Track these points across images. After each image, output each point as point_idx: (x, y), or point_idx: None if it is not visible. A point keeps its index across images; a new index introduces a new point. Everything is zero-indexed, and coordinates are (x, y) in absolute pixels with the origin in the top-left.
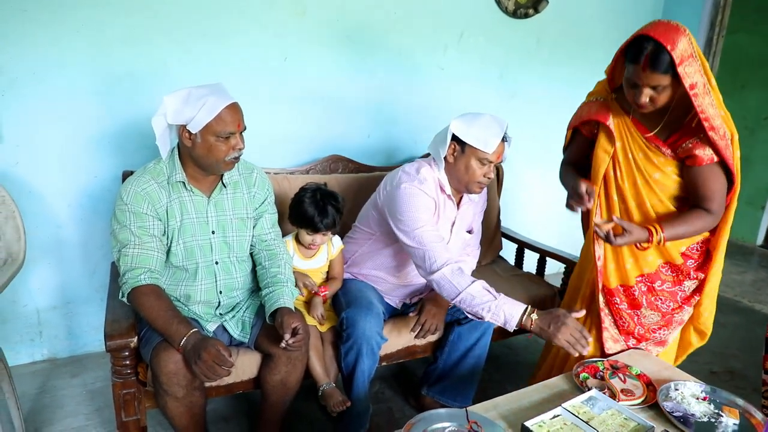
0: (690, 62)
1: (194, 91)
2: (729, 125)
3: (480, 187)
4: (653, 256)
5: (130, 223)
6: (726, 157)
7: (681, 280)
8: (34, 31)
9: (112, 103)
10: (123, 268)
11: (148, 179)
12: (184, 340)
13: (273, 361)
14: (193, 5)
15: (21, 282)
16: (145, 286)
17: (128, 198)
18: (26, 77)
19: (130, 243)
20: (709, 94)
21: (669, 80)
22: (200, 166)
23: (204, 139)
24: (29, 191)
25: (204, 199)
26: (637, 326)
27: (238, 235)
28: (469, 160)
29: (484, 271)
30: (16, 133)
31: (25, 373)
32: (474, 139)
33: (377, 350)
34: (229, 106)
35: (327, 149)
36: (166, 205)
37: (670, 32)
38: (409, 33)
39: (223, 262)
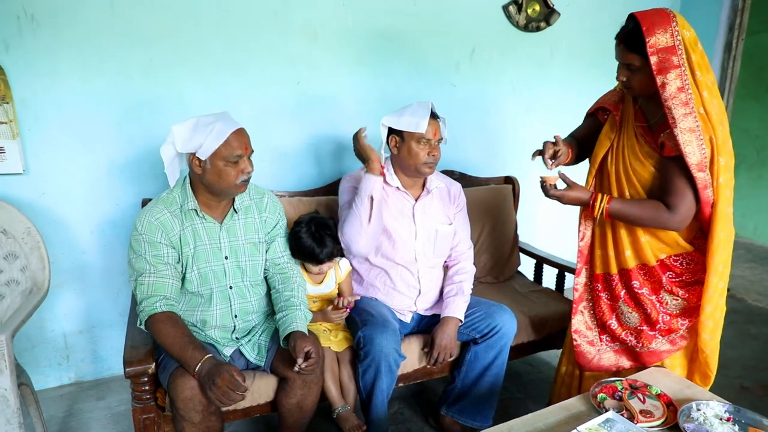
0: (668, 49)
1: (202, 120)
2: (707, 128)
3: (429, 167)
4: (630, 252)
5: (145, 252)
6: (684, 153)
7: (657, 289)
8: (58, 65)
9: (132, 133)
10: (139, 296)
11: (161, 209)
12: (199, 366)
13: (288, 385)
14: (209, 36)
15: (48, 308)
16: (161, 314)
17: (142, 228)
18: (50, 110)
19: (146, 272)
20: (684, 88)
21: (640, 61)
22: (212, 191)
23: (213, 164)
24: (54, 220)
25: (216, 226)
26: (612, 320)
27: (251, 260)
28: (410, 145)
29: (503, 288)
30: (41, 164)
31: (54, 397)
32: (406, 124)
33: (395, 368)
34: (236, 131)
35: (342, 171)
36: (179, 233)
37: (655, 17)
38: (420, 52)
39: (237, 287)
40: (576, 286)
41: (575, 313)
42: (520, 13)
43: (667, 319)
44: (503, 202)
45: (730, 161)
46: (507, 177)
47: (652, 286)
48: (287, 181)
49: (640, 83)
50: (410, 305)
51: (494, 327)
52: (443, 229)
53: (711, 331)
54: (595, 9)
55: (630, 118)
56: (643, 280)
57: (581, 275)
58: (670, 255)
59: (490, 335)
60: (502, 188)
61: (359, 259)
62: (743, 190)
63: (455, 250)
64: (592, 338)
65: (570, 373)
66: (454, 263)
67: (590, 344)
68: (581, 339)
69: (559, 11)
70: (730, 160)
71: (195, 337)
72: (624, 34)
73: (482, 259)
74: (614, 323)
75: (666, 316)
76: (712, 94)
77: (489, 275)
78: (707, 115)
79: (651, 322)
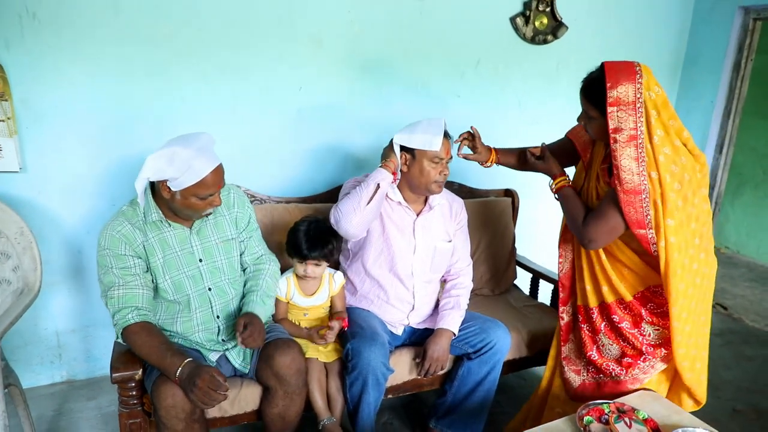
0: (626, 109)
1: (179, 152)
2: (654, 190)
3: (440, 187)
4: (606, 287)
5: (112, 266)
6: (623, 203)
7: (638, 322)
8: (58, 64)
9: (131, 134)
10: (111, 310)
11: (121, 221)
12: (179, 371)
13: (271, 394)
14: (213, 39)
15: (42, 306)
16: (135, 325)
17: (105, 242)
18: (49, 108)
19: (114, 285)
20: (637, 148)
21: (597, 113)
22: (175, 214)
23: (183, 196)
24: (51, 219)
25: (185, 231)
26: (592, 351)
27: (226, 257)
28: (422, 164)
29: (498, 301)
30: (39, 163)
31: (45, 395)
32: (419, 142)
33: (383, 381)
34: (213, 170)
35: (342, 178)
36: (142, 244)
37: (621, 72)
38: (426, 61)
39: (216, 287)
40: (562, 314)
41: (566, 341)
42: (528, 26)
43: (651, 350)
44: (502, 215)
45: (688, 222)
46: (507, 189)
47: (632, 319)
48: (285, 187)
49: (597, 132)
50: (402, 319)
51: (488, 342)
52: (442, 246)
53: (690, 370)
54: (604, 24)
55: (598, 161)
56: (623, 314)
57: (567, 304)
58: (649, 286)
59: (484, 351)
60: (501, 201)
61: (354, 269)
62: (748, 209)
63: (454, 266)
64: (580, 367)
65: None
66: (453, 278)
67: (576, 373)
68: (569, 366)
69: (567, 25)
70: (687, 221)
71: (173, 344)
72: (586, 83)
73: (479, 271)
74: (594, 354)
75: (650, 347)
76: (669, 159)
77: (485, 288)
78: (660, 179)
79: (635, 353)
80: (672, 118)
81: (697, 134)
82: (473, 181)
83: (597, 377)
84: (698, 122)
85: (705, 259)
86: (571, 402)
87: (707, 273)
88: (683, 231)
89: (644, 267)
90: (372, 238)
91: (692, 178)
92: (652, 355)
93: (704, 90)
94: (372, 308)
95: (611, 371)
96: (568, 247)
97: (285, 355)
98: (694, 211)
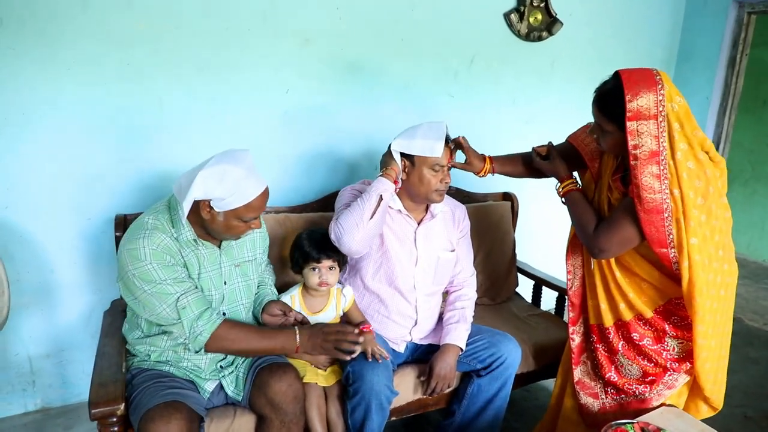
0: (647, 123)
1: (230, 171)
2: (677, 209)
3: (441, 195)
4: (624, 305)
5: (165, 279)
6: (643, 223)
7: (661, 337)
8: (23, 70)
9: (106, 142)
10: (188, 319)
11: (157, 234)
12: (298, 339)
13: (267, 425)
14: (191, 38)
15: (12, 330)
16: (223, 323)
17: (147, 257)
18: (15, 117)
19: (179, 294)
20: (660, 165)
21: (614, 128)
22: (209, 233)
23: (227, 218)
24: (20, 236)
25: (216, 250)
26: (611, 373)
27: (244, 281)
28: (422, 171)
29: (500, 310)
30: (5, 176)
31: (18, 426)
32: (419, 148)
33: (387, 405)
34: (262, 193)
35: (333, 185)
36: (183, 258)
37: (641, 82)
38: (417, 60)
39: (231, 312)
40: (572, 335)
41: (577, 363)
42: (522, 22)
43: (676, 366)
44: (501, 220)
45: (712, 236)
46: (505, 193)
47: (655, 335)
48: (273, 196)
49: (612, 147)
50: (405, 335)
51: (499, 357)
52: (445, 255)
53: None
54: (598, 19)
55: (608, 171)
56: (644, 330)
57: (578, 323)
58: (671, 299)
59: (495, 366)
60: (500, 205)
61: (352, 284)
62: (738, 205)
63: (457, 277)
64: (597, 390)
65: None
66: (456, 289)
67: (593, 396)
68: (584, 391)
69: (562, 21)
70: (711, 235)
71: (264, 326)
72: (599, 95)
73: (479, 279)
74: (614, 375)
75: (674, 362)
76: (693, 174)
77: (485, 296)
78: (682, 197)
79: (658, 370)
80: (695, 129)
81: None
82: (470, 185)
83: (618, 398)
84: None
85: (728, 269)
86: (585, 426)
87: (730, 282)
88: (707, 247)
89: (664, 279)
90: (371, 250)
91: (716, 190)
92: (676, 370)
93: (699, 86)
94: (372, 325)
95: (634, 391)
96: (577, 262)
97: (281, 381)
98: (717, 223)
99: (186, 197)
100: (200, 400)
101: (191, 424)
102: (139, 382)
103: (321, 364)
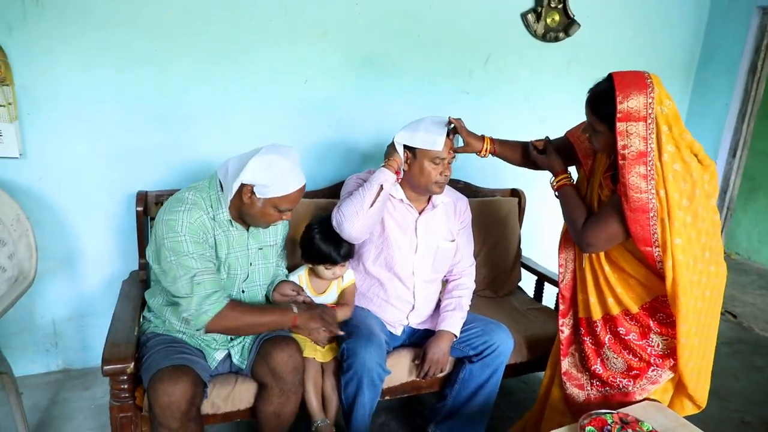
0: (636, 124)
1: (278, 162)
2: (662, 209)
3: (440, 187)
4: (612, 299)
5: (192, 253)
6: (629, 221)
7: (646, 333)
8: (58, 52)
9: (132, 123)
10: (198, 296)
11: (197, 210)
12: (299, 320)
13: (266, 392)
14: (215, 29)
15: (38, 293)
16: (229, 304)
17: (183, 229)
18: (51, 95)
19: (199, 270)
20: (647, 166)
21: (604, 128)
22: (242, 217)
23: (264, 205)
24: (50, 206)
25: (244, 232)
26: (597, 365)
27: (264, 264)
28: (422, 163)
29: (501, 303)
30: (39, 150)
31: (40, 383)
32: (421, 141)
33: (379, 383)
34: (301, 188)
35: (344, 173)
36: (214, 236)
37: (632, 84)
38: (433, 57)
39: (249, 290)
40: (562, 327)
41: (566, 354)
42: (539, 22)
43: (660, 361)
44: (508, 215)
45: (698, 238)
46: (513, 189)
47: (640, 330)
48: None
49: (603, 146)
50: (402, 319)
51: (490, 345)
52: (444, 245)
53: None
54: (618, 22)
55: (601, 170)
56: (630, 325)
57: (568, 316)
58: (657, 296)
59: (486, 354)
60: (507, 201)
61: (354, 267)
62: (760, 215)
63: (456, 266)
64: (583, 382)
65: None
66: (455, 278)
67: (579, 387)
68: (570, 382)
69: (580, 22)
70: (697, 237)
71: (264, 305)
72: (592, 96)
73: (482, 272)
74: (599, 368)
75: (658, 358)
76: (678, 176)
77: (488, 289)
78: (667, 197)
79: (642, 365)
80: (683, 131)
81: (711, 137)
82: (479, 180)
83: (603, 390)
84: (711, 125)
85: (715, 271)
86: (570, 416)
87: (716, 284)
88: (692, 248)
89: (650, 277)
90: (372, 236)
91: (702, 192)
92: (660, 366)
93: (719, 92)
94: (371, 307)
95: (618, 384)
96: (569, 256)
97: (282, 351)
98: (704, 225)
99: (235, 180)
100: (206, 367)
101: (196, 388)
102: (152, 345)
103: (320, 341)
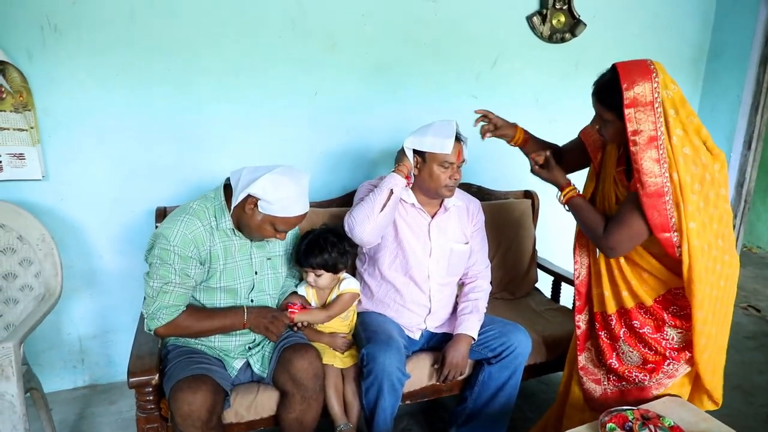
0: (644, 110)
1: (287, 184)
2: (676, 194)
3: (450, 191)
4: (627, 293)
5: (174, 263)
6: (646, 207)
7: (660, 326)
8: (78, 74)
9: (150, 141)
10: (160, 302)
11: (195, 222)
12: (246, 317)
13: (288, 400)
14: (228, 45)
15: (64, 311)
16: (182, 314)
17: (175, 240)
18: (70, 118)
19: (172, 281)
20: (658, 149)
21: (613, 116)
22: (240, 229)
23: (263, 220)
24: (72, 225)
25: (247, 242)
26: (612, 359)
27: (273, 273)
28: (432, 167)
29: (519, 304)
30: (61, 171)
31: (68, 399)
32: (430, 145)
33: (399, 387)
34: (302, 214)
35: (357, 181)
36: (209, 249)
37: (636, 72)
38: (440, 62)
39: (258, 300)
40: (578, 323)
41: (582, 350)
42: (545, 24)
43: (675, 354)
44: (522, 217)
45: (710, 224)
46: (526, 191)
47: (654, 323)
48: None
49: (613, 136)
50: (420, 323)
51: (509, 346)
52: (458, 248)
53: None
54: (623, 20)
55: (612, 163)
56: (644, 319)
57: (584, 312)
58: (671, 288)
59: (505, 355)
60: (521, 202)
61: (371, 274)
62: None
63: (471, 269)
64: (600, 376)
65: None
66: (471, 281)
67: (596, 382)
68: (587, 377)
69: (585, 22)
70: (710, 222)
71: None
72: (598, 87)
73: (498, 274)
74: (615, 362)
75: (673, 351)
76: (689, 159)
77: (505, 291)
78: (680, 181)
79: (658, 358)
80: (690, 115)
81: (724, 130)
82: (492, 183)
83: (620, 385)
84: (724, 118)
85: (729, 261)
86: (590, 412)
87: (730, 274)
88: (706, 233)
89: (665, 271)
90: (386, 241)
91: (713, 178)
92: (676, 359)
93: (730, 84)
94: (388, 312)
95: (634, 378)
96: (584, 252)
97: (303, 358)
98: (716, 211)
99: (244, 189)
100: (226, 376)
101: (216, 396)
102: (173, 357)
103: (339, 347)
